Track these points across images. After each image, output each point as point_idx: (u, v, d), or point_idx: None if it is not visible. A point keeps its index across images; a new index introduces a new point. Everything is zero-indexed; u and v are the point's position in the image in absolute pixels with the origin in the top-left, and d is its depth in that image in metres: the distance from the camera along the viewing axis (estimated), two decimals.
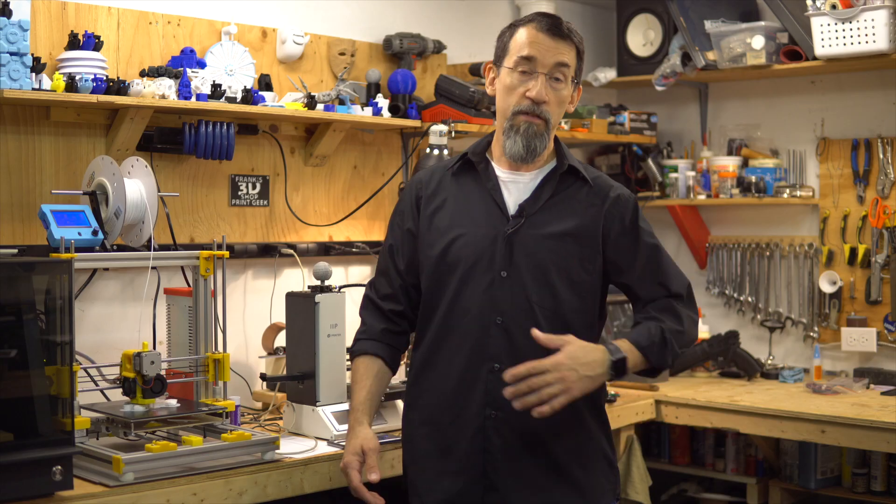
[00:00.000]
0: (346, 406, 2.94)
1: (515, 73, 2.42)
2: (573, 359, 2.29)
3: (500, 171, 2.49)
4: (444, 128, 3.56)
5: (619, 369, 2.36)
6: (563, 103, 2.46)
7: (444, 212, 2.50)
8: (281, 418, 3.10)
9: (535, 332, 2.31)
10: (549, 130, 2.44)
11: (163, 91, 2.95)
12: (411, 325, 2.59)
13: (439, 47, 3.89)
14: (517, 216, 2.44)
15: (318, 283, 2.98)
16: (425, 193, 2.54)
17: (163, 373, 2.64)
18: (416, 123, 3.64)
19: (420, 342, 2.52)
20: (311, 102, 3.33)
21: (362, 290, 3.55)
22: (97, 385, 2.79)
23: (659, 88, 4.32)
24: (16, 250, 2.57)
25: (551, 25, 2.43)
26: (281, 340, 3.22)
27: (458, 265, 2.44)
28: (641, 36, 4.51)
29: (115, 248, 2.80)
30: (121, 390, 2.66)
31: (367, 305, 2.63)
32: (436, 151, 3.55)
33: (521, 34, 2.43)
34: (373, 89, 3.66)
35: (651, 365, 2.44)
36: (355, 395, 2.54)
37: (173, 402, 2.71)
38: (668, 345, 2.43)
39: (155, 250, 2.79)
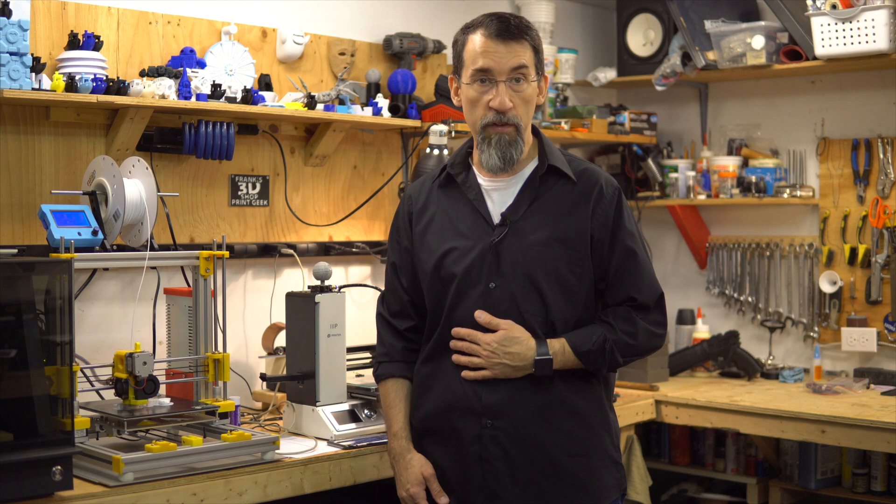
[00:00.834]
0: (345, 406, 2.95)
1: (475, 85, 2.39)
2: (501, 344, 2.38)
3: (482, 179, 2.48)
4: (444, 128, 3.56)
5: (542, 368, 2.38)
6: (530, 102, 2.42)
7: (433, 227, 2.49)
8: (281, 418, 3.10)
9: (478, 313, 2.40)
10: (522, 133, 2.42)
11: (163, 91, 2.95)
12: None
13: (439, 47, 3.88)
14: (501, 225, 2.42)
15: (318, 283, 2.98)
16: (415, 209, 2.54)
17: (155, 373, 2.64)
18: (416, 123, 3.64)
19: (422, 353, 2.53)
20: (311, 102, 3.32)
21: (362, 290, 3.59)
22: (93, 385, 2.78)
23: (659, 88, 4.31)
24: (16, 250, 2.57)
25: (501, 29, 2.37)
26: (281, 340, 3.22)
27: (452, 280, 2.44)
28: (641, 36, 4.51)
29: (114, 248, 2.80)
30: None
31: (382, 323, 2.63)
32: (436, 151, 3.55)
33: (473, 43, 2.39)
34: (373, 89, 3.66)
35: (586, 369, 2.44)
36: (393, 420, 2.54)
37: (166, 401, 2.71)
38: (605, 354, 2.42)
39: (154, 250, 2.79)
